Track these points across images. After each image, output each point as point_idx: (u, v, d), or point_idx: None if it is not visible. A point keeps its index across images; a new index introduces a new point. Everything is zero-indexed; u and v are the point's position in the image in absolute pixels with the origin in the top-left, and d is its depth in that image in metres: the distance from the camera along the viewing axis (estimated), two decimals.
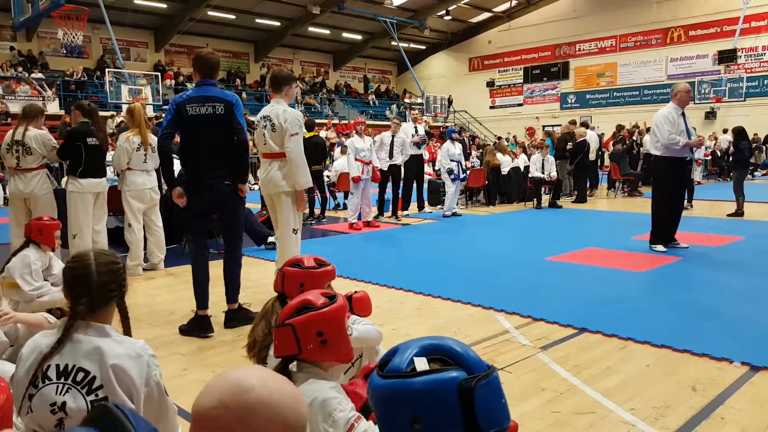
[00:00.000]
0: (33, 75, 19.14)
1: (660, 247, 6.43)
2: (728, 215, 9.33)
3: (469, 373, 0.96)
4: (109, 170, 6.21)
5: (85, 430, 0.65)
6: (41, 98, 17.88)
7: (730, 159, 9.90)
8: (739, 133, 9.81)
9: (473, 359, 0.99)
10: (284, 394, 0.85)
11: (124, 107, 12.55)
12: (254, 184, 11.53)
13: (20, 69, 19.34)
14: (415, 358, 0.99)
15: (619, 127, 14.75)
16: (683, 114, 6.39)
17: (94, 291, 1.70)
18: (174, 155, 4.49)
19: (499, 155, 12.05)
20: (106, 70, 18.19)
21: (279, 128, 4.38)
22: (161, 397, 1.71)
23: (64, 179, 5.53)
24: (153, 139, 5.70)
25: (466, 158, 13.75)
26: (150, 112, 17.33)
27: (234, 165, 4.00)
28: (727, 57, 21.77)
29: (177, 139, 4.28)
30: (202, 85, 3.97)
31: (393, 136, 9.28)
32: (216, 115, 3.86)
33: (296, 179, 4.36)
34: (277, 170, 4.43)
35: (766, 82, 22.16)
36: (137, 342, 1.73)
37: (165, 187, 6.66)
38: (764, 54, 22.29)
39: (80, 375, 1.62)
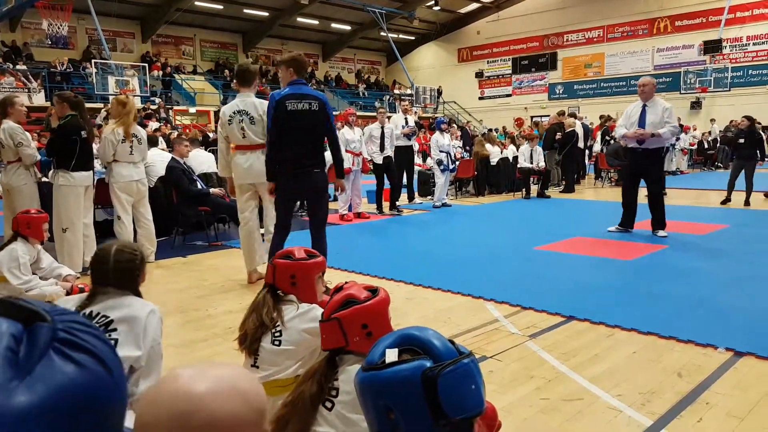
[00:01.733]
0: (17, 66, 18.86)
1: (612, 228, 6.91)
2: (721, 203, 9.50)
3: (436, 361, 0.98)
4: (97, 163, 6.16)
5: None
6: (26, 90, 17.64)
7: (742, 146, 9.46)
8: (752, 120, 9.72)
9: (443, 348, 1.00)
10: (235, 393, 0.75)
11: (111, 99, 12.38)
12: None
13: (4, 61, 19.04)
14: (387, 350, 1.02)
15: (603, 117, 14.76)
16: (645, 107, 6.50)
17: (110, 279, 2.03)
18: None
19: (488, 146, 12.09)
20: (92, 61, 17.97)
21: (258, 120, 4.61)
22: (157, 357, 1.95)
23: (51, 172, 5.51)
24: (138, 131, 5.65)
25: (469, 147, 13.76)
26: (138, 103, 17.17)
27: (321, 155, 4.37)
28: (712, 47, 21.93)
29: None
30: (295, 83, 4.31)
31: (382, 128, 9.03)
32: (311, 111, 4.25)
33: None
34: (257, 160, 4.57)
35: (750, 72, 22.36)
36: (151, 303, 2.01)
37: (153, 179, 6.63)
38: (748, 44, 22.47)
39: (102, 320, 1.92)
